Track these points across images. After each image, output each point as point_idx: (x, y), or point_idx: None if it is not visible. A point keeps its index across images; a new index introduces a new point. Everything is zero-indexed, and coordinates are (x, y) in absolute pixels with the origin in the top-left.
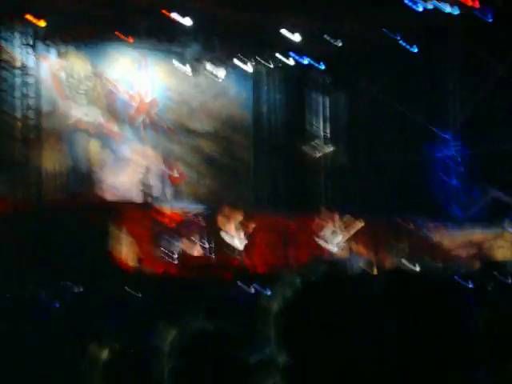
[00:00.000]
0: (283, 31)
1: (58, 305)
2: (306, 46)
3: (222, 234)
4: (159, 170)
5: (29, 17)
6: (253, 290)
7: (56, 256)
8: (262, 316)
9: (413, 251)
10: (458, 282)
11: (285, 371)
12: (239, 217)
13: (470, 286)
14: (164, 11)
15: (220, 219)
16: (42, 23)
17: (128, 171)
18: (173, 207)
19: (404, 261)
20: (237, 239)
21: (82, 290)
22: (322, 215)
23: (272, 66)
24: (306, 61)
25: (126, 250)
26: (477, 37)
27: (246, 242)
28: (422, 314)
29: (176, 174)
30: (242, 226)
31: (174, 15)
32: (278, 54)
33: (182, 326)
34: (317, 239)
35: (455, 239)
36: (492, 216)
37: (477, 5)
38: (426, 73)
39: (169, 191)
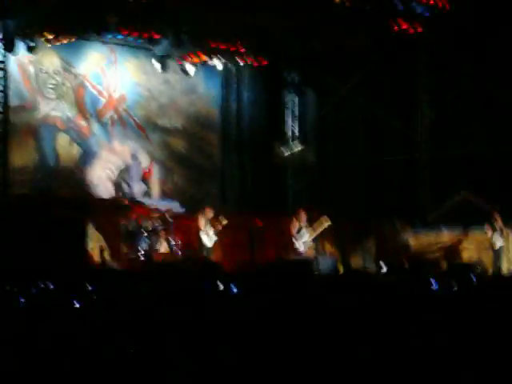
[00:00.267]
0: (259, 30)
1: (22, 301)
2: (281, 46)
3: (193, 233)
4: (127, 165)
5: (5, 13)
6: (221, 287)
7: (22, 252)
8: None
9: (380, 251)
10: (422, 284)
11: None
12: (209, 214)
13: (435, 287)
14: (134, 6)
15: (190, 216)
16: (12, 17)
17: (96, 167)
18: (141, 203)
19: (370, 261)
20: (206, 237)
21: (49, 286)
22: (289, 214)
23: (241, 63)
24: (276, 59)
25: (94, 246)
26: (446, 38)
27: (215, 239)
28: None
29: (144, 170)
30: (212, 223)
31: (149, 12)
32: (253, 53)
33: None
34: (284, 238)
35: (422, 240)
36: (459, 217)
37: (447, 7)
38: (396, 74)
39: (137, 187)
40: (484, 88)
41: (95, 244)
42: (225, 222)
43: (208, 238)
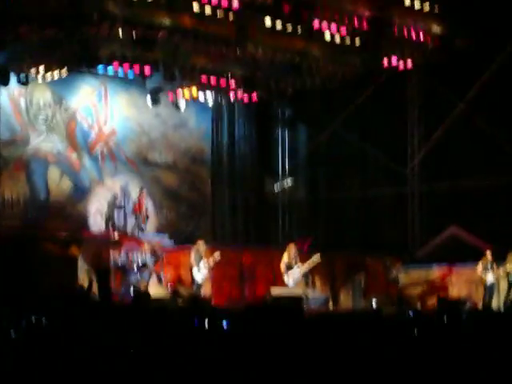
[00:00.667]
0: (251, 65)
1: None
2: (273, 81)
3: (183, 267)
4: (118, 199)
5: None
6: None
7: (11, 285)
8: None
9: (370, 287)
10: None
11: None
12: (201, 248)
13: (422, 322)
14: (125, 41)
15: (180, 251)
16: (3, 50)
17: (87, 200)
18: (131, 237)
19: (360, 297)
20: (197, 272)
21: (35, 320)
22: (280, 249)
23: (233, 98)
24: (267, 94)
25: (84, 280)
26: (436, 74)
27: (206, 273)
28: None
29: (135, 204)
30: (199, 257)
31: (140, 47)
32: (244, 88)
33: None
34: (274, 273)
35: (412, 276)
36: (449, 252)
37: (437, 43)
38: (386, 109)
39: (127, 221)
40: (473, 123)
41: (85, 278)
42: (218, 258)
43: (199, 272)
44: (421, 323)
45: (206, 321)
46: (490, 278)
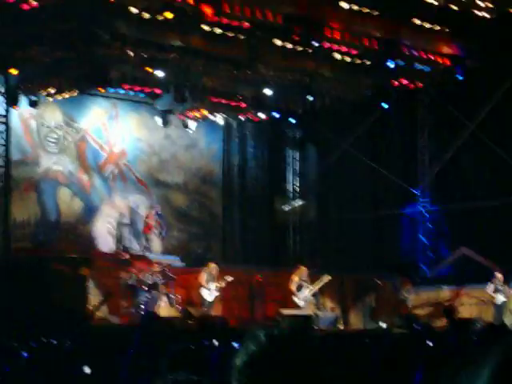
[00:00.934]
0: (260, 86)
1: (25, 355)
2: (283, 101)
3: (194, 288)
4: (128, 220)
5: (1, 65)
6: (217, 344)
7: (23, 306)
8: (231, 370)
9: (380, 307)
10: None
11: None
12: (213, 270)
13: (432, 344)
14: (141, 63)
15: (190, 271)
16: (14, 71)
17: (97, 221)
18: (141, 258)
19: (369, 318)
20: (208, 293)
21: (48, 341)
22: (290, 269)
23: (243, 119)
24: (277, 115)
25: (95, 301)
26: (447, 94)
27: (217, 294)
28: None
29: (147, 225)
30: (210, 278)
31: (151, 67)
32: (254, 109)
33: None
34: (285, 293)
35: (423, 296)
36: (459, 273)
37: (447, 63)
38: (397, 129)
39: (138, 242)
40: (483, 143)
41: (95, 299)
42: (230, 279)
43: (209, 293)
44: (432, 338)
45: (215, 342)
46: (500, 298)
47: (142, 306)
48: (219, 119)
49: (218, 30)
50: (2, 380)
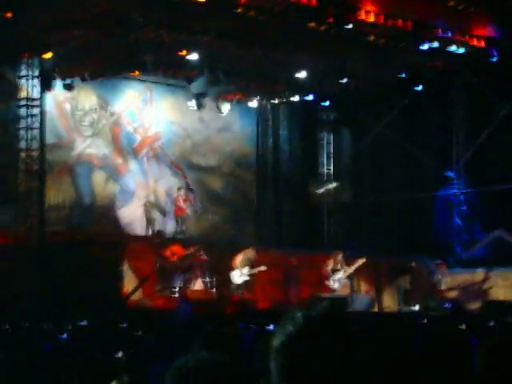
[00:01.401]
0: (294, 69)
1: (65, 336)
2: (316, 84)
3: (228, 271)
4: (162, 203)
5: (36, 48)
6: (253, 326)
7: (58, 289)
8: (264, 351)
9: (414, 290)
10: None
11: None
12: (250, 254)
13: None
14: (174, 47)
15: (224, 255)
16: (49, 55)
17: (132, 204)
18: (176, 241)
19: (404, 301)
20: (239, 276)
21: (85, 323)
22: (324, 252)
23: (277, 101)
24: (311, 97)
25: (129, 284)
26: (481, 76)
27: (247, 278)
28: (420, 355)
29: (182, 209)
30: (246, 262)
31: (185, 51)
32: (287, 91)
33: (180, 361)
34: (319, 276)
35: (457, 278)
36: (494, 255)
37: (481, 45)
38: (431, 111)
39: (175, 225)
40: None
41: (130, 282)
42: (263, 268)
43: (239, 275)
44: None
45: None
46: None
47: (177, 289)
48: (253, 102)
49: (252, 13)
50: (41, 360)
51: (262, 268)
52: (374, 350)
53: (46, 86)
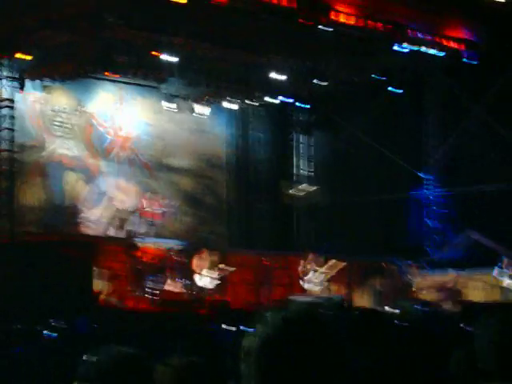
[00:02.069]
0: (268, 70)
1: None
2: (291, 86)
3: (195, 274)
4: (136, 204)
5: (7, 49)
6: (225, 327)
7: (30, 291)
8: (240, 353)
9: (386, 291)
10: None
11: None
12: (213, 256)
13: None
14: (147, 47)
15: (194, 258)
16: (21, 55)
17: (105, 205)
18: (149, 242)
19: (376, 301)
20: (208, 279)
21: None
22: (297, 253)
23: (255, 104)
24: (285, 99)
25: (103, 286)
26: (455, 78)
27: (217, 281)
28: (395, 353)
29: (153, 210)
30: (216, 265)
31: (158, 52)
32: (261, 93)
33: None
34: (291, 277)
35: (430, 280)
36: (466, 257)
37: (454, 47)
38: (405, 112)
39: (145, 226)
40: (490, 126)
41: (102, 283)
42: (223, 265)
43: (201, 280)
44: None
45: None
46: (506, 282)
47: (150, 291)
48: (226, 103)
49: (225, 14)
50: (14, 361)
51: (222, 265)
52: (354, 349)
53: (18, 86)
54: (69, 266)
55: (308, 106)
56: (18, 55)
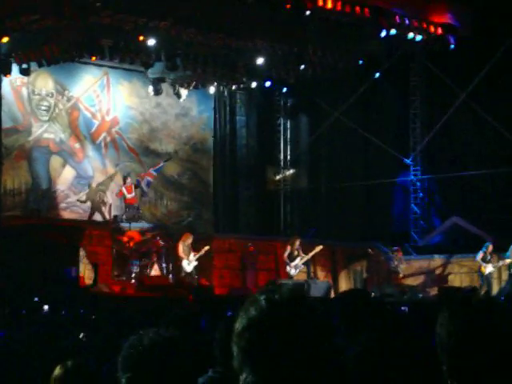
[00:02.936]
0: (254, 55)
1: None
2: (276, 71)
3: (180, 259)
4: (120, 188)
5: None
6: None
7: (14, 274)
8: (221, 338)
9: (371, 277)
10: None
11: None
12: (188, 240)
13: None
14: (133, 32)
15: (179, 243)
16: (6, 39)
17: (89, 189)
18: (134, 227)
19: (361, 287)
20: (187, 264)
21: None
22: (282, 238)
23: (235, 87)
24: (269, 83)
25: (85, 269)
26: (439, 63)
27: (195, 263)
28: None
29: (135, 193)
30: (188, 249)
31: (144, 36)
32: (247, 78)
33: (134, 339)
34: (276, 262)
35: (414, 265)
36: (451, 242)
37: (439, 32)
38: (389, 98)
39: (129, 210)
40: (475, 112)
41: (87, 267)
42: (207, 247)
43: (189, 265)
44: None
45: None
46: (489, 268)
47: (132, 274)
48: (211, 88)
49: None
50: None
51: (206, 248)
52: (337, 332)
53: (2, 70)
54: (54, 250)
55: (292, 91)
56: (2, 40)
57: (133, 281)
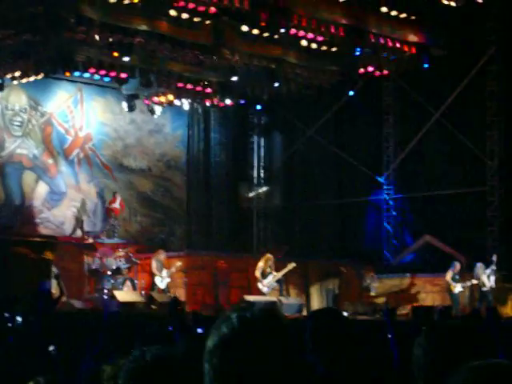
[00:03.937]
0: (228, 72)
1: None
2: (250, 88)
3: (153, 275)
4: (92, 204)
5: None
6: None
7: None
8: (195, 355)
9: (343, 295)
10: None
11: None
12: (161, 256)
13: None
14: (102, 46)
15: (152, 259)
16: None
17: (62, 205)
18: (105, 242)
19: (333, 305)
20: (160, 281)
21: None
22: (254, 255)
23: (209, 104)
24: (243, 101)
25: (60, 286)
26: (413, 82)
27: (168, 280)
28: (349, 353)
29: (108, 210)
30: (160, 265)
31: (112, 51)
32: (221, 95)
33: (136, 354)
34: (248, 280)
35: (386, 284)
36: (423, 261)
37: (413, 51)
38: (362, 116)
39: (102, 226)
40: (448, 131)
41: (59, 284)
42: (179, 264)
43: (162, 282)
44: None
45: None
46: (458, 288)
47: (105, 291)
48: (185, 105)
49: (185, 15)
50: None
51: (178, 264)
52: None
53: None
54: (25, 266)
55: (265, 109)
56: None
57: (105, 297)
